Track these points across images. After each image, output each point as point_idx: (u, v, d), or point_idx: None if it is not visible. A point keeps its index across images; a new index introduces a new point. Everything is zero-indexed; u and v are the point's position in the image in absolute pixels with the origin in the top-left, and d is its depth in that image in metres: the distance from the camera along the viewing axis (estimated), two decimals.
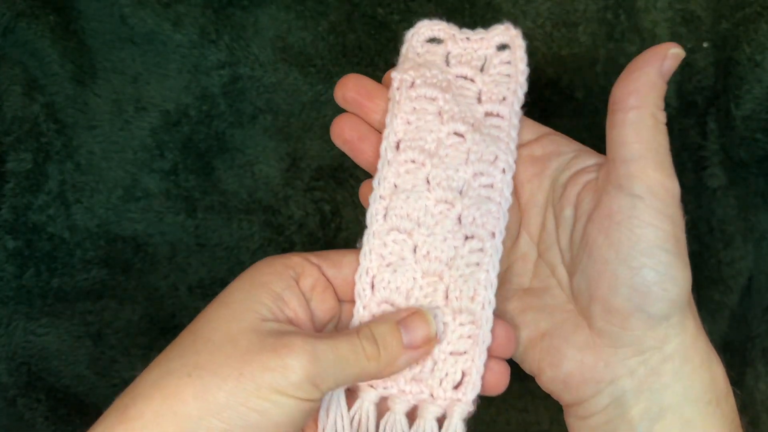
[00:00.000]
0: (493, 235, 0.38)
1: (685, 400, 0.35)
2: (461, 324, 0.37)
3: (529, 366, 0.38)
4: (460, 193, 0.38)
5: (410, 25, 0.52)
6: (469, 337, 0.37)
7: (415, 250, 0.38)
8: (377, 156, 0.39)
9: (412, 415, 0.37)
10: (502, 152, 0.39)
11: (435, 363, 0.37)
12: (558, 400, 0.38)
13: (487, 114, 0.40)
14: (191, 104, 0.51)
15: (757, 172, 0.50)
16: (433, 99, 0.39)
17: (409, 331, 0.35)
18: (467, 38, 0.41)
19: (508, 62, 0.41)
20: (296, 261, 0.37)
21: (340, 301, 0.38)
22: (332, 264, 0.38)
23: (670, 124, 0.51)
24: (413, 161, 0.39)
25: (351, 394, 0.37)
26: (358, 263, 0.38)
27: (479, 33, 0.41)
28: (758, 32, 0.49)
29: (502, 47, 0.41)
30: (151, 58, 0.51)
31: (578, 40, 0.51)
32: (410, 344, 0.35)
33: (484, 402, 0.50)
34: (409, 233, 0.38)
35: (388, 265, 0.37)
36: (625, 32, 0.51)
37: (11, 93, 0.49)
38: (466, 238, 0.38)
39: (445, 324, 0.37)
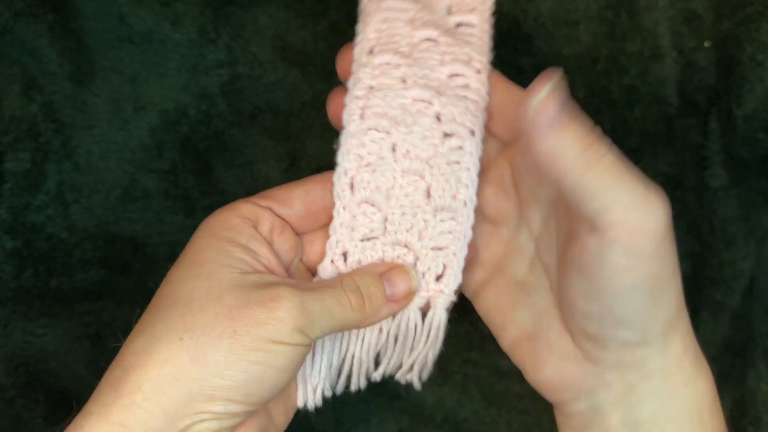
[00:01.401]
0: (473, 132, 0.38)
1: (663, 415, 0.34)
2: (442, 221, 0.37)
3: (515, 361, 0.38)
4: (438, 91, 0.38)
5: None
6: (450, 232, 0.38)
7: (394, 149, 0.38)
8: None
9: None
10: (475, 53, 0.39)
11: (417, 258, 0.38)
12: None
13: (458, 24, 0.40)
14: (190, 104, 0.51)
15: (759, 171, 0.50)
16: (405, 9, 0.40)
17: (392, 284, 0.36)
18: None
19: None
20: (247, 209, 0.37)
21: (298, 234, 0.38)
22: (282, 203, 0.38)
23: (671, 124, 0.51)
24: (388, 63, 0.39)
25: None
26: (307, 195, 0.38)
27: None
28: (760, 31, 0.48)
29: None
30: (149, 57, 0.51)
31: (579, 39, 0.51)
32: (392, 297, 0.36)
33: (484, 403, 0.50)
34: (387, 132, 0.38)
35: (367, 165, 0.38)
36: (627, 31, 0.51)
37: (9, 92, 0.49)
38: (446, 135, 0.38)
39: (425, 221, 0.37)
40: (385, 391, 0.49)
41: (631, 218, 0.29)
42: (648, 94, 0.51)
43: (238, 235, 0.35)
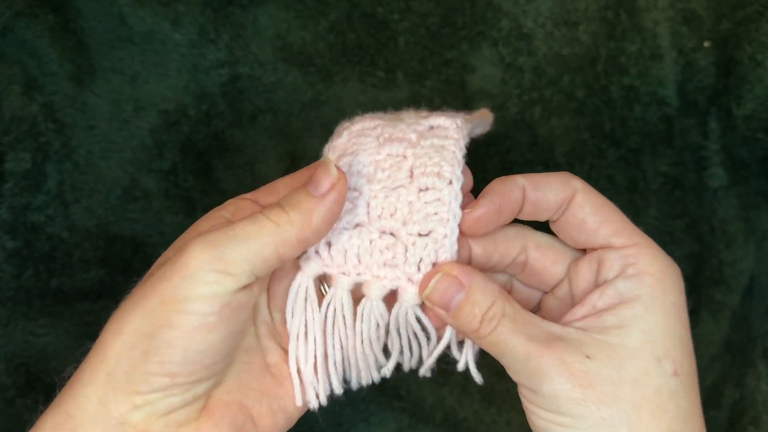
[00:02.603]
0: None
1: None
2: (426, 202, 0.35)
3: None
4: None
5: (411, 24, 0.52)
6: (436, 213, 0.34)
7: (377, 137, 0.37)
8: None
9: (391, 302, 0.35)
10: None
11: (406, 248, 0.35)
12: None
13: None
14: (190, 104, 0.51)
15: (758, 171, 0.50)
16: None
17: (314, 184, 0.33)
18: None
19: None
20: (229, 203, 0.37)
21: None
22: (267, 193, 0.37)
23: (671, 124, 0.51)
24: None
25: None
26: (292, 181, 0.37)
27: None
28: (759, 32, 0.48)
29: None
30: (150, 57, 0.51)
31: (579, 39, 0.51)
32: (319, 192, 0.33)
33: (484, 402, 0.50)
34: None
35: (350, 153, 0.36)
36: (626, 31, 0.51)
37: (10, 92, 0.49)
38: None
39: (410, 203, 0.35)
40: (385, 391, 0.49)
41: (525, 384, 0.33)
42: (648, 94, 0.51)
43: (202, 225, 0.35)
